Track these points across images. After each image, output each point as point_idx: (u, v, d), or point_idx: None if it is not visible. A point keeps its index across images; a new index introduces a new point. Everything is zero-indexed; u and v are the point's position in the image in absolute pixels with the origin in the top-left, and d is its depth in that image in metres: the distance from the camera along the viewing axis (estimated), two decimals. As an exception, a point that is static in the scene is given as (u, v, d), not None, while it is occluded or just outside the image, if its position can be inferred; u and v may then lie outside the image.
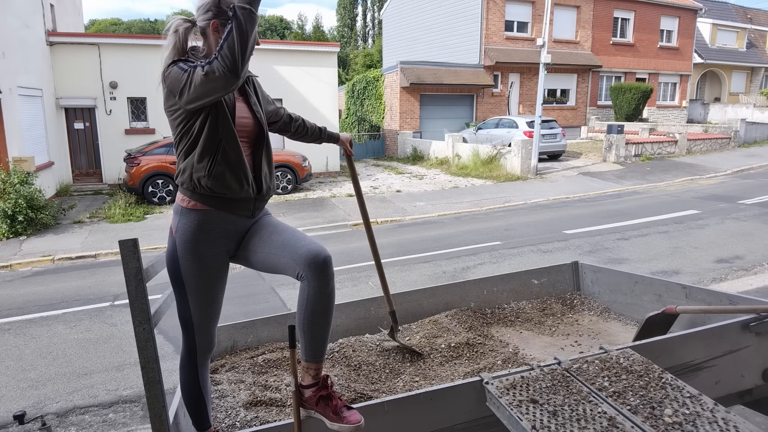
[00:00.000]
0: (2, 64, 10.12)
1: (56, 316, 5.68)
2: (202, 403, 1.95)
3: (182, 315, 1.89)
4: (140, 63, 13.62)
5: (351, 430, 1.74)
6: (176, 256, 1.81)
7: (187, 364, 1.93)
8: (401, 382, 2.57)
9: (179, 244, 1.81)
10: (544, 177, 14.15)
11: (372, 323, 3.22)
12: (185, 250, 1.80)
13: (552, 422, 1.72)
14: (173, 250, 1.82)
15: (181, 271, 1.82)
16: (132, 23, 53.10)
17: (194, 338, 1.91)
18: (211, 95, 1.60)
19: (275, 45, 16.33)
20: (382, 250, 3.07)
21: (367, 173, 16.17)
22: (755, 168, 14.86)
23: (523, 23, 21.19)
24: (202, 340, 1.92)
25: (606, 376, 1.99)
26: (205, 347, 1.94)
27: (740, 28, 29.19)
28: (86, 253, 8.17)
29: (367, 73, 23.09)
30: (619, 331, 3.03)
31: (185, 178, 1.79)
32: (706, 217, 9.12)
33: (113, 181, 13.82)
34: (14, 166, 9.51)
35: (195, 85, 1.57)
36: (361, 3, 56.70)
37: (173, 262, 1.82)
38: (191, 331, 1.90)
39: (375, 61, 41.08)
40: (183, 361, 1.95)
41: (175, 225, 1.83)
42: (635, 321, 3.09)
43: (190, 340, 1.91)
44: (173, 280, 1.85)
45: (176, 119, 1.74)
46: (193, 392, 1.94)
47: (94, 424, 3.65)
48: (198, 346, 1.92)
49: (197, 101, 1.63)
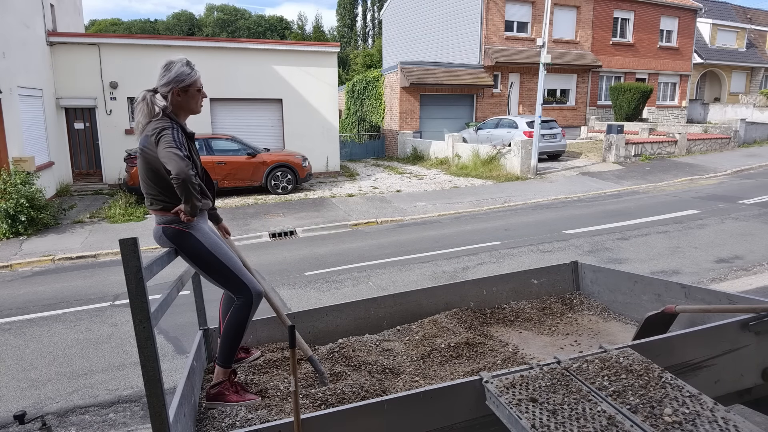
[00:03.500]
0: (2, 64, 10.13)
1: (56, 316, 5.68)
2: (238, 344, 2.45)
3: (231, 282, 2.40)
4: (140, 63, 13.62)
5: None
6: (199, 242, 2.36)
7: (242, 310, 2.41)
8: (401, 382, 2.57)
9: (196, 231, 2.37)
10: (544, 177, 14.15)
11: (372, 323, 3.22)
12: (203, 232, 2.39)
13: (551, 421, 1.72)
14: (194, 240, 2.36)
15: (209, 248, 2.38)
16: (132, 23, 53.09)
17: (249, 290, 2.41)
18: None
19: (275, 45, 16.34)
20: (382, 249, 3.08)
21: (367, 173, 16.17)
22: (755, 168, 14.86)
23: (523, 23, 21.19)
24: (254, 287, 2.43)
25: (606, 376, 2.00)
26: (257, 292, 2.44)
27: (740, 28, 29.19)
28: (86, 253, 8.17)
29: (367, 73, 23.09)
30: (618, 331, 3.04)
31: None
32: (705, 217, 9.12)
33: (113, 181, 13.82)
34: (15, 166, 9.52)
35: (169, 160, 2.21)
36: (361, 3, 56.74)
37: (199, 248, 2.36)
38: (244, 286, 2.41)
39: (375, 61, 41.09)
40: (238, 308, 2.42)
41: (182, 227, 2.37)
42: (635, 320, 3.09)
43: (245, 293, 2.41)
44: (206, 262, 2.37)
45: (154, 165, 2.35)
46: (238, 332, 2.42)
47: (94, 423, 3.65)
48: (254, 294, 2.42)
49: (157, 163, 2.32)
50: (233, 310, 2.43)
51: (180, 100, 2.42)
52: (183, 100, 2.43)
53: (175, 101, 2.42)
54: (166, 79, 2.39)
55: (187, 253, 2.38)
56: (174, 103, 2.42)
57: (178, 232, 2.36)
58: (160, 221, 2.39)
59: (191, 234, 2.37)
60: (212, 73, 14.24)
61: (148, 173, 2.36)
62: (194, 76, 2.44)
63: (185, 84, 2.40)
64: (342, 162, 17.37)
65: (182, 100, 2.42)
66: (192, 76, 2.42)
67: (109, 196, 12.47)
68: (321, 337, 3.09)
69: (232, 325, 2.41)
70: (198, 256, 2.38)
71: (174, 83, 2.39)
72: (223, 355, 2.44)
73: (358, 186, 13.74)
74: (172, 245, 2.37)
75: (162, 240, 2.40)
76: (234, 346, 2.44)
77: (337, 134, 16.18)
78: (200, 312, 2.84)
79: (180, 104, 2.43)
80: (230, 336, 2.42)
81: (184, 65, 2.42)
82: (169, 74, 2.39)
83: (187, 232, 2.37)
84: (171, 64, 2.42)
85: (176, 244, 2.36)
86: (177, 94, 2.41)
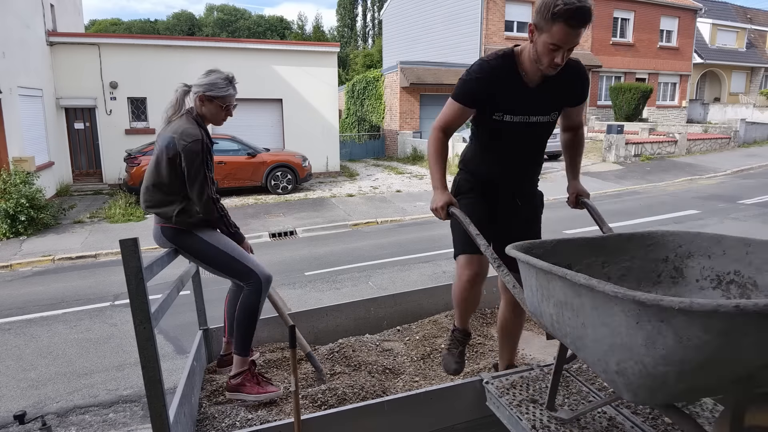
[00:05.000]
0: (2, 64, 10.12)
1: (56, 316, 5.68)
2: (253, 330, 2.45)
3: (237, 270, 2.41)
4: (140, 63, 13.62)
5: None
6: (199, 237, 2.38)
7: (252, 296, 2.42)
8: (401, 382, 2.57)
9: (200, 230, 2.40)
10: (543, 177, 14.10)
11: (372, 323, 3.22)
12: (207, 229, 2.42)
13: (552, 422, 1.72)
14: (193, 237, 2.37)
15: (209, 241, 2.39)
16: (132, 23, 53.07)
17: (256, 275, 2.42)
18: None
19: (275, 45, 16.34)
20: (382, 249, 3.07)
21: (367, 173, 16.17)
22: (755, 168, 14.86)
23: (523, 23, 21.18)
24: (261, 271, 2.44)
25: (606, 376, 1.99)
26: (266, 276, 2.45)
27: (740, 28, 29.18)
28: (86, 253, 8.17)
29: (367, 73, 23.09)
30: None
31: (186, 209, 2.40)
32: (705, 217, 9.13)
33: (113, 181, 13.81)
34: (15, 166, 9.51)
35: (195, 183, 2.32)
36: (361, 3, 56.71)
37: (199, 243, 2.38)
38: (251, 272, 2.42)
39: (375, 61, 41.06)
40: (248, 294, 2.42)
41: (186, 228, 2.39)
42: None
43: (254, 278, 2.42)
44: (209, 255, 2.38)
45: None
46: (251, 318, 2.42)
47: (94, 423, 3.65)
48: (262, 279, 2.43)
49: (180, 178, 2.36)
50: (243, 296, 2.43)
51: (203, 107, 2.44)
52: (206, 109, 2.44)
53: (198, 106, 2.45)
54: (200, 82, 2.42)
55: (188, 251, 2.39)
56: (197, 108, 2.45)
57: (176, 231, 2.37)
58: (159, 221, 2.40)
59: (190, 232, 2.39)
60: (212, 73, 14.23)
61: (158, 172, 2.35)
62: (226, 91, 2.43)
63: (212, 95, 2.41)
64: (342, 162, 17.35)
65: (205, 108, 2.44)
66: (223, 91, 2.42)
67: (109, 196, 12.47)
68: (321, 337, 3.09)
69: (243, 311, 2.42)
70: (199, 251, 2.39)
71: (203, 89, 2.40)
72: (239, 343, 2.44)
73: (358, 186, 13.74)
74: (172, 245, 2.37)
75: (161, 240, 2.40)
76: (249, 333, 2.44)
77: (337, 134, 16.18)
78: (200, 312, 2.84)
79: (202, 111, 2.46)
80: (243, 323, 2.42)
81: (223, 78, 2.43)
82: (204, 79, 2.42)
83: (186, 230, 2.38)
84: (213, 71, 2.45)
85: (176, 244, 2.37)
86: (201, 100, 2.43)
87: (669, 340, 1.03)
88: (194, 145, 2.29)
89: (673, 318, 1.00)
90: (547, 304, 1.43)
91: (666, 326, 1.02)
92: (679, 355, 1.03)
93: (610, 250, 1.75)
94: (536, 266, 1.40)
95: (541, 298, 1.46)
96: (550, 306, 1.41)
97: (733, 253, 1.55)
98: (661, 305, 1.00)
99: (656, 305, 1.01)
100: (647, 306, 1.03)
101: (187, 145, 2.28)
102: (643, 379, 1.12)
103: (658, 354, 1.05)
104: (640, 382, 1.13)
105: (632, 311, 1.07)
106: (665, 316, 1.01)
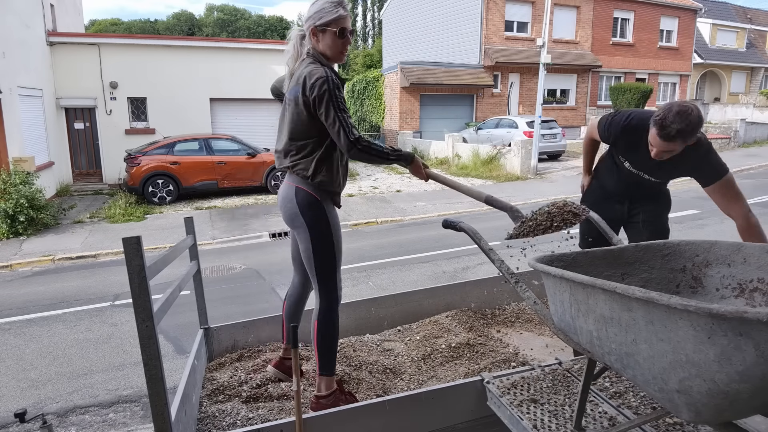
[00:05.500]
0: (2, 64, 10.12)
1: (56, 316, 5.68)
2: (336, 349, 2.26)
3: (327, 274, 2.22)
4: (140, 63, 13.62)
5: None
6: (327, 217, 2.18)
7: (329, 316, 2.22)
8: (402, 382, 2.57)
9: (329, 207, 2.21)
10: (544, 177, 14.16)
11: (372, 323, 3.22)
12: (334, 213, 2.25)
13: (553, 422, 1.73)
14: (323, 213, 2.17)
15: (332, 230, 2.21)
16: (132, 23, 53.05)
17: (336, 292, 2.26)
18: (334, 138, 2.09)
19: (275, 45, 16.33)
20: (382, 249, 3.07)
21: (367, 173, 16.17)
22: (755, 168, 14.87)
23: (522, 23, 21.20)
24: (340, 293, 2.30)
25: (607, 377, 2.00)
26: (340, 296, 2.31)
27: (740, 28, 29.20)
28: (86, 253, 8.17)
29: (367, 73, 23.09)
30: (619, 331, 3.03)
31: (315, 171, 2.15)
32: (706, 217, 9.13)
33: (113, 181, 13.81)
34: (15, 166, 9.51)
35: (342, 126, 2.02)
36: (361, 3, 56.69)
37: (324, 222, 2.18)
38: (335, 288, 2.26)
39: (375, 61, 41.05)
40: (325, 314, 2.22)
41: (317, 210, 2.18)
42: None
43: (332, 295, 2.24)
44: (322, 242, 2.18)
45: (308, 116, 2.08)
46: (334, 340, 2.22)
47: (94, 423, 3.65)
48: (338, 297, 2.29)
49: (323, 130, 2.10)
50: (321, 315, 2.22)
51: (318, 43, 2.08)
52: (323, 44, 2.08)
53: (315, 44, 2.09)
54: (308, 14, 2.09)
55: (308, 223, 2.16)
56: (315, 47, 2.09)
57: (311, 198, 2.15)
58: (294, 180, 2.16)
59: (323, 206, 2.17)
60: (212, 73, 14.25)
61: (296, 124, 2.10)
62: (336, 12, 2.05)
63: (323, 22, 2.04)
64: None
65: (321, 43, 2.08)
66: (333, 13, 2.05)
67: (109, 196, 12.47)
68: (322, 337, 3.09)
69: (323, 333, 2.21)
70: (318, 230, 2.17)
71: (312, 21, 2.06)
72: (323, 363, 2.21)
73: (358, 186, 13.74)
74: (296, 210, 2.16)
75: (288, 201, 2.18)
76: (331, 352, 2.22)
77: (337, 134, 16.16)
78: (201, 311, 2.84)
79: (320, 48, 2.09)
80: (326, 342, 2.21)
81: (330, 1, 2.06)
82: (311, 10, 2.08)
83: (321, 202, 2.16)
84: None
85: (302, 210, 2.15)
86: (314, 35, 2.07)
87: (748, 356, 0.96)
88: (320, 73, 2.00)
89: (755, 331, 0.94)
90: (585, 319, 1.35)
91: (745, 340, 0.95)
92: (759, 370, 0.96)
93: (629, 262, 1.73)
94: (574, 280, 1.33)
95: (577, 314, 1.39)
96: (590, 322, 1.34)
97: (754, 261, 1.52)
98: (744, 318, 0.94)
99: (738, 318, 0.94)
100: (726, 319, 0.96)
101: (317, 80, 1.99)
102: (712, 398, 1.04)
103: (734, 370, 0.99)
104: (706, 401, 1.06)
105: (704, 325, 1.00)
106: (746, 329, 0.95)
